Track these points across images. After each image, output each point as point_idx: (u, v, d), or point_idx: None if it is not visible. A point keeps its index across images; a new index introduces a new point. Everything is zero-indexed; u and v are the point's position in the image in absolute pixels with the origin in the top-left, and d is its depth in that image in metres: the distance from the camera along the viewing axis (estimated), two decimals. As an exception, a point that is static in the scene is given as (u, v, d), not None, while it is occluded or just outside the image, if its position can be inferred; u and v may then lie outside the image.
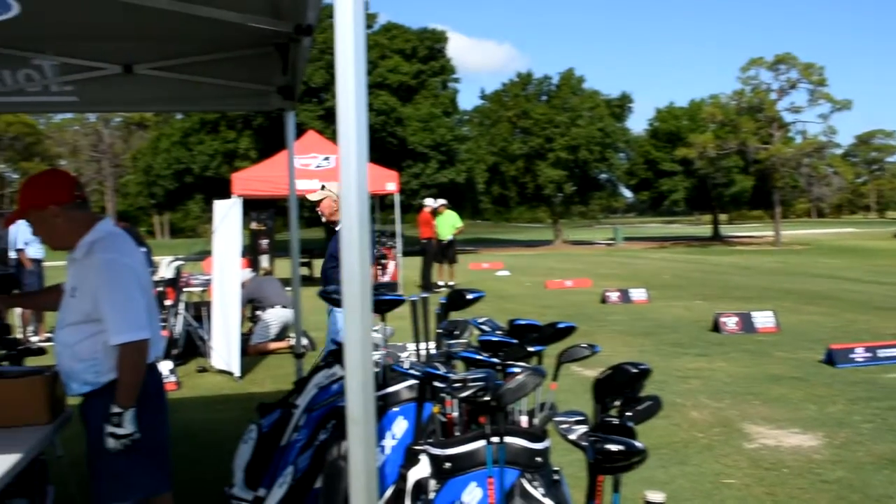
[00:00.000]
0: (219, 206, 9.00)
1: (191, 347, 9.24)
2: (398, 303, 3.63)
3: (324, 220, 6.29)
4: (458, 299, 3.74)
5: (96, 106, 5.01)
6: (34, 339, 10.21)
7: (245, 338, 9.07)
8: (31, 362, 3.91)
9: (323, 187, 6.07)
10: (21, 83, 4.73)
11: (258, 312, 9.84)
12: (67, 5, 3.84)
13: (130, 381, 3.01)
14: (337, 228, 5.99)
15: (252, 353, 9.42)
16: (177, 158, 36.00)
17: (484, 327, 3.49)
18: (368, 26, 36.00)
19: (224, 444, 5.83)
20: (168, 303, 9.24)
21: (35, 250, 11.62)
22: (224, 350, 8.57)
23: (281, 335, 9.84)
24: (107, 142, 79.28)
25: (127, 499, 3.17)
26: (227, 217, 8.63)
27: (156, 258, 10.12)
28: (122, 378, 3.00)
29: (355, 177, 1.59)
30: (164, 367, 8.05)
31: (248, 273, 10.03)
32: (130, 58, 4.75)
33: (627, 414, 2.32)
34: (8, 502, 3.51)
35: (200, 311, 9.48)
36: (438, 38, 40.32)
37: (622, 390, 2.41)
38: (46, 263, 12.28)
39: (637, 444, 2.09)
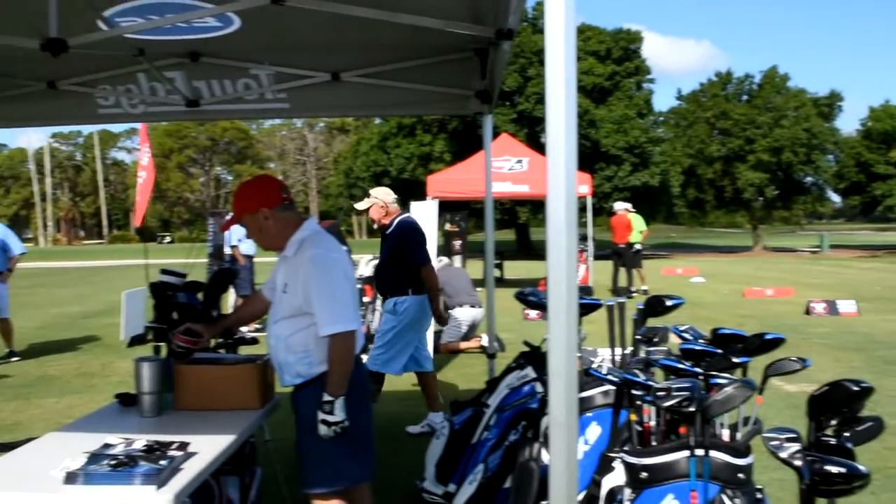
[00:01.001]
0: (415, 207, 9.27)
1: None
2: (595, 307, 3.59)
3: (375, 226, 6.42)
4: (656, 305, 3.63)
5: (306, 112, 5.30)
6: (244, 329, 10.96)
7: (436, 336, 9.27)
8: (244, 351, 4.20)
9: (368, 195, 6.24)
10: (240, 91, 5.10)
11: (449, 311, 10.03)
12: (282, 19, 4.09)
13: (340, 370, 3.15)
14: (387, 232, 6.16)
15: (443, 352, 9.62)
16: (375, 161, 37.40)
17: (686, 335, 3.37)
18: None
19: (414, 438, 6.01)
20: (366, 299, 9.62)
21: (247, 247, 12.60)
22: (417, 347, 8.80)
23: (469, 334, 9.99)
24: (311, 146, 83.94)
25: (333, 485, 3.32)
26: (423, 218, 8.87)
27: (354, 257, 10.58)
28: (332, 368, 3.15)
29: (564, 180, 1.59)
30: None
31: (441, 260, 10.19)
32: (338, 66, 5.00)
33: (846, 434, 2.17)
34: (221, 479, 3.79)
35: (397, 308, 9.77)
36: (633, 39, 39.52)
37: (840, 409, 2.25)
38: (256, 259, 13.21)
39: (860, 467, 1.95)
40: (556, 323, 1.62)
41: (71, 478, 2.44)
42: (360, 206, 6.14)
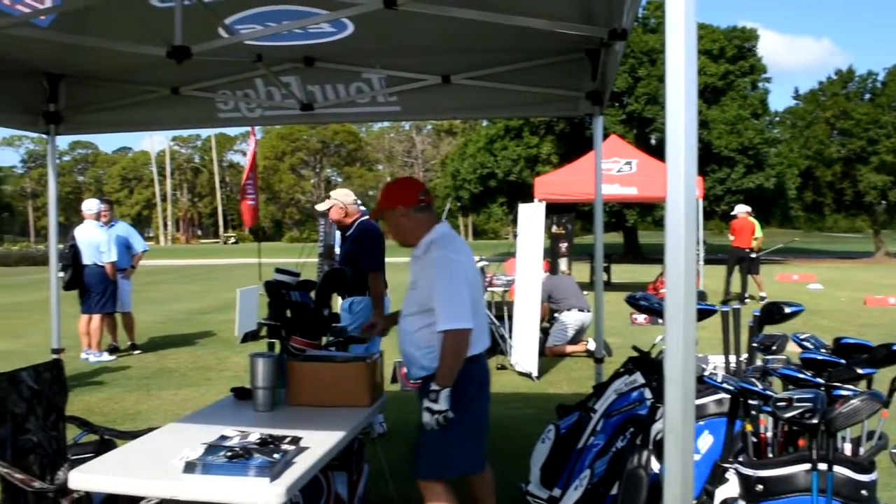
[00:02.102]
0: (523, 209, 9.24)
1: (492, 345, 9.56)
2: (709, 313, 3.49)
3: (336, 228, 6.54)
4: (774, 312, 3.51)
5: (417, 114, 5.36)
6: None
7: (542, 339, 9.21)
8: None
9: (329, 197, 6.26)
10: (352, 95, 5.20)
11: (556, 315, 9.96)
12: (394, 23, 4.14)
13: (449, 364, 3.31)
14: (347, 234, 6.21)
15: (549, 355, 9.56)
16: (482, 163, 37.46)
17: (807, 344, 3.24)
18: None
19: (519, 441, 5.97)
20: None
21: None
22: (523, 350, 8.79)
23: (576, 338, 9.89)
24: (419, 148, 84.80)
25: (444, 474, 3.52)
26: (531, 220, 8.83)
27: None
28: (442, 361, 3.33)
29: (683, 183, 1.55)
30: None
31: (547, 275, 10.16)
32: (448, 68, 5.03)
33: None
34: (330, 474, 3.87)
35: (502, 310, 9.79)
36: (748, 37, 38.27)
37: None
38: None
39: None
40: (674, 329, 1.58)
41: (190, 467, 2.54)
42: (320, 207, 6.23)
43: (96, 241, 9.62)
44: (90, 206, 9.94)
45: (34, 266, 37.52)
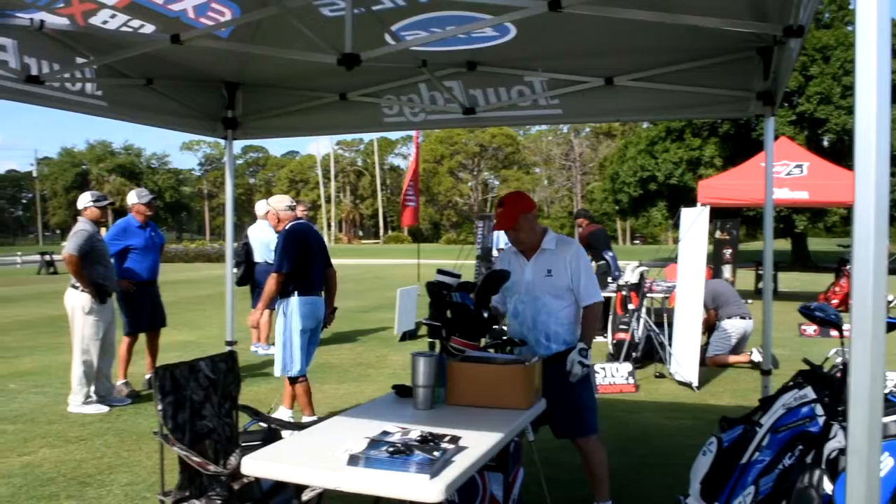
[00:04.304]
0: (686, 213, 8.98)
1: (650, 352, 9.36)
2: (892, 327, 3.26)
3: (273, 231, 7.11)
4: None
5: (579, 117, 5.29)
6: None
7: (702, 349, 8.92)
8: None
9: (266, 203, 6.71)
10: (514, 99, 5.21)
11: (717, 322, 9.61)
12: (557, 26, 4.13)
13: (593, 328, 4.29)
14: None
15: (710, 365, 9.24)
16: (642, 166, 36.61)
17: None
18: (848, 21, 32.98)
19: (677, 452, 5.82)
20: (631, 307, 9.46)
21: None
22: (683, 359, 8.53)
23: (737, 347, 9.51)
24: (577, 151, 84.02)
25: (597, 430, 4.42)
26: (694, 225, 8.57)
27: (621, 263, 10.45)
28: (591, 326, 4.26)
29: (873, 187, 1.46)
30: (624, 369, 8.27)
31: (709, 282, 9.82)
32: (611, 70, 4.95)
33: None
34: (486, 475, 3.90)
35: (662, 317, 9.55)
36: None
37: None
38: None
39: None
40: (860, 345, 1.49)
41: (353, 460, 2.62)
42: (258, 211, 6.65)
43: (268, 239, 10.11)
44: (262, 207, 10.45)
45: (209, 263, 40.07)
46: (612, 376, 8.21)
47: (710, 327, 9.49)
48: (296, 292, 6.33)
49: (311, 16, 3.92)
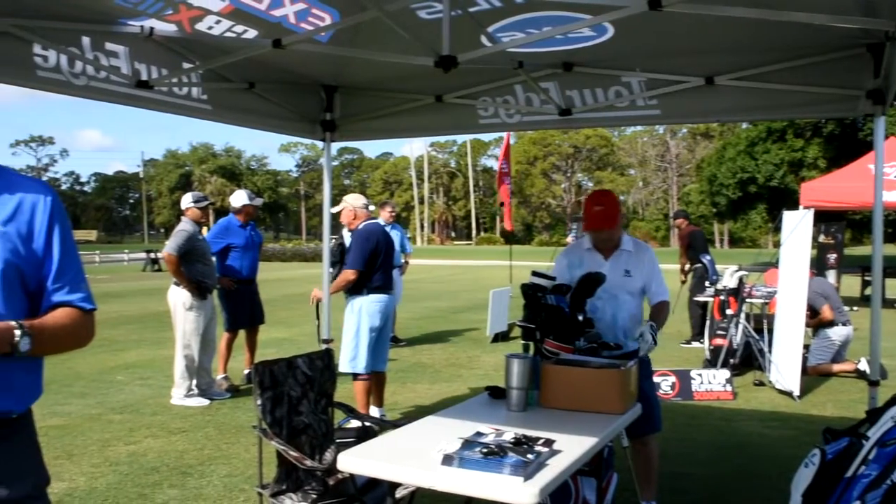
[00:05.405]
0: (788, 216, 8.69)
1: (748, 359, 9.10)
2: None
3: (345, 230, 7.22)
4: None
5: (678, 118, 5.18)
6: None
7: (804, 357, 8.61)
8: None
9: (343, 200, 6.85)
10: (611, 99, 5.14)
11: (821, 330, 9.26)
12: (655, 25, 4.04)
13: (664, 318, 4.40)
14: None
15: (811, 374, 8.92)
16: (741, 167, 35.60)
17: None
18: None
19: (776, 462, 5.65)
20: (729, 312, 9.22)
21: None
22: (783, 367, 8.27)
23: (839, 356, 9.15)
24: (673, 152, 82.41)
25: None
26: (797, 228, 8.29)
27: (719, 267, 10.19)
28: (660, 317, 4.37)
29: None
30: (722, 375, 8.07)
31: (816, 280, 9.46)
32: (711, 69, 4.84)
33: None
34: (579, 479, 3.87)
35: (761, 323, 9.27)
36: None
37: None
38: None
39: None
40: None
41: (447, 460, 2.64)
42: (332, 209, 6.36)
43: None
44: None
45: (304, 262, 40.98)
46: (709, 383, 8.02)
47: (823, 324, 9.12)
48: (365, 290, 6.46)
49: (409, 18, 3.97)
